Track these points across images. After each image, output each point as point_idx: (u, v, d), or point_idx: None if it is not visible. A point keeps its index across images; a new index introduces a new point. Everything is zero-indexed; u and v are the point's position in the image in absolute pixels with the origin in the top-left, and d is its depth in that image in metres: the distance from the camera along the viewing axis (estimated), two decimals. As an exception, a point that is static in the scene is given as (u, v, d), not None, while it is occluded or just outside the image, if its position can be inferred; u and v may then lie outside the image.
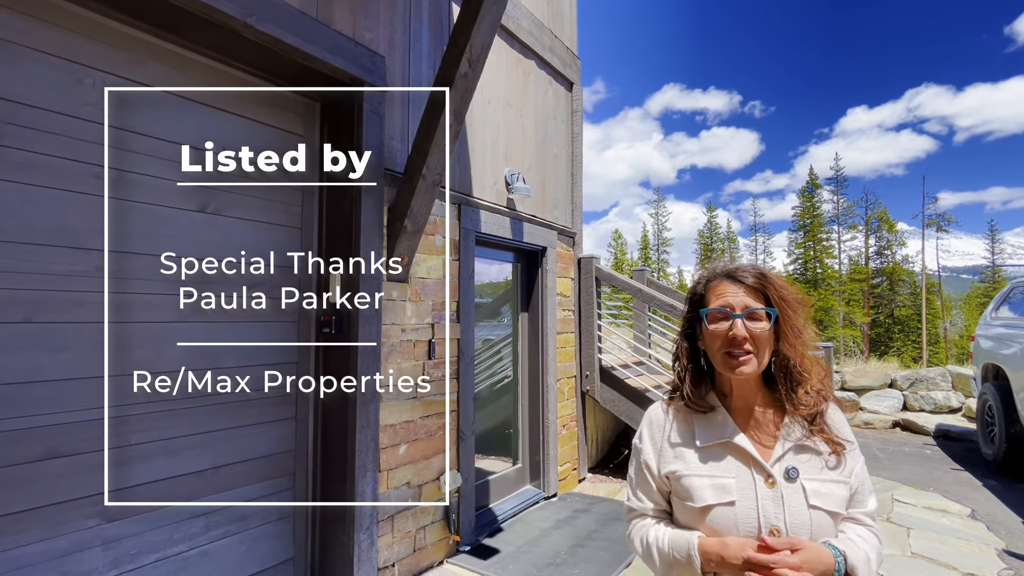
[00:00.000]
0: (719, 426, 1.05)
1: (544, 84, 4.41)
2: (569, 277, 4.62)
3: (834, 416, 1.06)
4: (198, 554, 2.20)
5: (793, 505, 0.96)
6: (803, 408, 1.02)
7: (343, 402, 2.58)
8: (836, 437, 1.02)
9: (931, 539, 3.39)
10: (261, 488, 2.44)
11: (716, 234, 43.83)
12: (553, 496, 4.11)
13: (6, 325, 1.74)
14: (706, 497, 0.99)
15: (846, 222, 37.15)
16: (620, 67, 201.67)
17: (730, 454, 1.02)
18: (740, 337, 0.99)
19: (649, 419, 1.14)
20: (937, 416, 6.76)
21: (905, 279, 34.81)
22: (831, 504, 0.97)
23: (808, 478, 0.99)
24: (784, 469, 0.99)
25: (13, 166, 1.78)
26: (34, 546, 1.77)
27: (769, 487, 0.98)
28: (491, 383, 4.12)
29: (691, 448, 1.05)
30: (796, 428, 1.03)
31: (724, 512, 0.98)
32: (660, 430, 1.10)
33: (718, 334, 1.02)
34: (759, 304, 1.02)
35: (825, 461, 1.01)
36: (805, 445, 1.01)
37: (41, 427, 1.80)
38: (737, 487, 0.99)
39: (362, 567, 2.50)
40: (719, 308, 1.03)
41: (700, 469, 1.02)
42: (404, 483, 2.83)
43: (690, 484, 1.02)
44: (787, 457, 1.00)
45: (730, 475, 1.00)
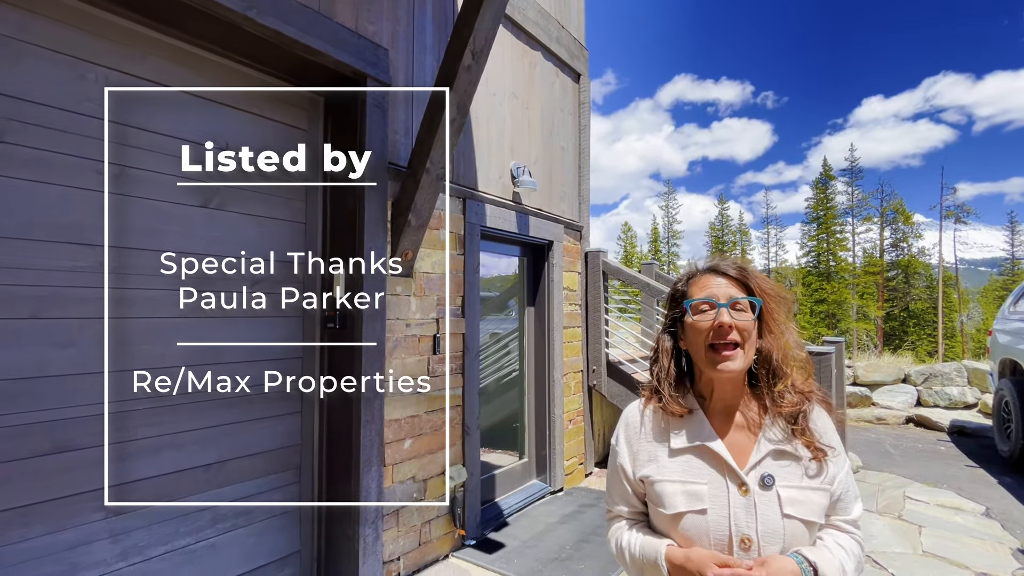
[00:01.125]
0: (695, 429, 1.02)
1: (551, 75, 4.35)
2: (576, 271, 4.58)
3: (819, 419, 1.03)
4: (206, 547, 2.22)
5: (766, 514, 0.94)
6: (785, 406, 0.99)
7: (347, 397, 2.59)
8: (818, 443, 0.98)
9: (943, 537, 3.34)
10: (267, 482, 2.46)
11: (727, 226, 43.35)
12: (559, 491, 4.11)
13: (12, 321, 1.76)
14: (677, 504, 0.97)
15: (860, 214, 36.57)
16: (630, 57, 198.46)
17: (704, 459, 0.99)
18: (727, 325, 0.96)
19: (625, 420, 1.12)
20: (952, 412, 6.64)
21: (921, 272, 34.20)
22: (807, 513, 0.94)
23: (784, 485, 0.96)
24: (760, 476, 0.96)
25: (16, 163, 1.78)
26: (42, 539, 1.80)
27: (742, 495, 0.95)
28: (498, 377, 4.12)
29: (665, 451, 1.03)
30: (776, 429, 1.00)
31: (695, 520, 0.96)
32: (635, 432, 1.08)
33: (702, 326, 0.99)
34: (743, 294, 1.01)
35: (805, 468, 0.97)
36: (784, 450, 0.98)
37: (48, 422, 1.82)
38: (709, 494, 0.96)
39: (367, 560, 2.51)
40: (704, 299, 1.01)
41: (673, 474, 1.00)
42: (409, 477, 2.84)
43: (662, 490, 1.00)
44: (764, 463, 0.97)
45: (703, 481, 0.97)
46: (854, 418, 6.90)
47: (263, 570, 2.42)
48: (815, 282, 35.29)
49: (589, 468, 4.60)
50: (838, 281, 34.47)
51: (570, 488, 4.22)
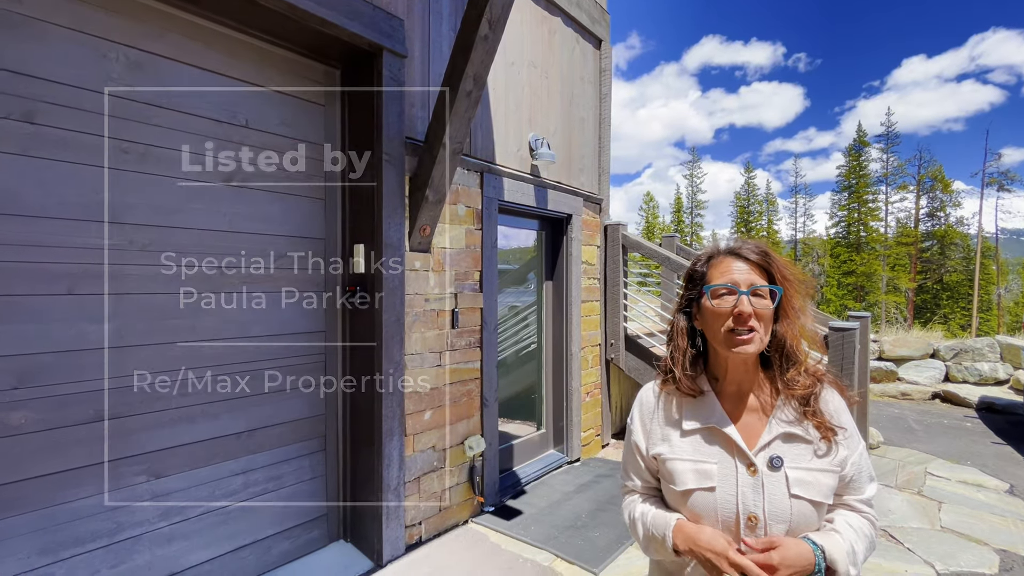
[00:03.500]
0: (706, 411, 1.03)
1: (571, 42, 4.22)
2: (595, 245, 4.54)
3: (831, 401, 1.03)
4: (239, 509, 2.36)
5: (774, 494, 0.95)
6: (797, 388, 1.00)
7: (369, 369, 2.66)
8: (828, 423, 0.99)
9: (963, 513, 3.32)
10: (295, 449, 2.58)
11: (754, 196, 42.04)
12: (576, 461, 4.20)
13: (52, 297, 1.85)
14: (687, 481, 1.00)
15: (895, 182, 34.94)
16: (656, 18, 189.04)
17: (715, 440, 1.01)
18: (746, 313, 0.96)
19: (640, 401, 1.14)
20: (981, 388, 6.48)
21: (958, 242, 32.77)
22: (814, 494, 0.95)
23: (793, 467, 0.97)
24: (768, 458, 0.97)
25: (48, 143, 1.84)
26: (91, 499, 1.93)
27: (751, 475, 0.97)
28: (517, 349, 4.17)
29: (677, 432, 1.05)
30: (788, 411, 1.00)
31: (704, 497, 0.98)
32: (650, 412, 1.11)
33: (722, 311, 0.98)
34: (763, 281, 0.99)
35: (815, 449, 0.98)
36: (794, 433, 0.99)
37: (90, 392, 1.93)
38: (719, 473, 0.99)
39: (390, 524, 2.63)
40: (724, 285, 0.99)
41: (684, 453, 1.03)
42: (429, 447, 2.93)
43: (673, 468, 1.03)
44: (773, 445, 0.98)
45: (713, 461, 1.00)
46: (878, 393, 6.79)
47: (292, 531, 2.56)
48: (844, 253, 34.22)
49: (606, 439, 4.67)
50: (868, 252, 33.34)
51: (587, 459, 4.30)
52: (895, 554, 2.82)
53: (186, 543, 2.19)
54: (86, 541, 1.92)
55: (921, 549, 2.87)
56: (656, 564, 1.12)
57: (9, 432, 1.76)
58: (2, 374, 1.75)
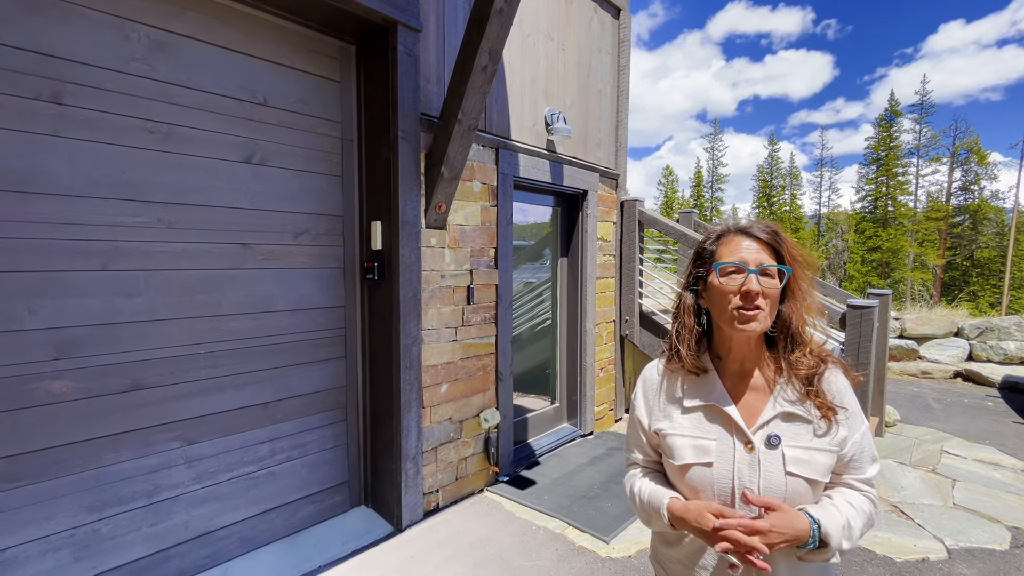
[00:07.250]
0: (708, 389, 1.06)
1: (588, 12, 4.11)
2: (611, 221, 4.51)
3: (834, 381, 1.04)
4: (266, 474, 2.49)
5: (769, 471, 0.98)
6: (801, 369, 1.01)
7: (387, 344, 2.74)
8: (830, 403, 1.00)
9: (977, 491, 3.32)
10: (317, 419, 2.68)
11: (777, 169, 40.81)
12: (589, 434, 4.28)
13: (86, 273, 1.94)
14: (686, 456, 1.03)
15: (928, 154, 33.53)
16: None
17: (715, 417, 1.04)
18: (754, 292, 0.97)
19: (644, 378, 1.17)
20: (1006, 367, 6.36)
21: (991, 217, 31.53)
22: (810, 472, 0.97)
23: (791, 445, 0.98)
24: (766, 436, 0.99)
25: (76, 123, 1.90)
26: (130, 463, 2.06)
27: (748, 452, 0.99)
28: (532, 325, 4.21)
29: (679, 409, 1.08)
30: (791, 390, 1.02)
31: (701, 471, 1.02)
32: (654, 389, 1.14)
33: (729, 289, 1.00)
34: (772, 261, 1.00)
35: (814, 428, 1.00)
36: (794, 413, 1.00)
37: (125, 363, 2.04)
38: (716, 449, 1.01)
39: (409, 491, 2.75)
40: (733, 263, 1.00)
41: (684, 429, 1.06)
42: (446, 418, 3.02)
43: (673, 443, 1.06)
44: (772, 424, 1.00)
45: (711, 437, 1.02)
46: (897, 371, 6.72)
47: (316, 496, 2.70)
48: (869, 228, 33.23)
49: (619, 414, 4.74)
50: (895, 228, 32.32)
51: (600, 432, 4.38)
52: (905, 529, 2.85)
53: (218, 505, 2.32)
54: (127, 501, 2.06)
55: (932, 525, 2.90)
56: (657, 533, 1.16)
57: (52, 400, 1.88)
58: (44, 345, 1.85)
